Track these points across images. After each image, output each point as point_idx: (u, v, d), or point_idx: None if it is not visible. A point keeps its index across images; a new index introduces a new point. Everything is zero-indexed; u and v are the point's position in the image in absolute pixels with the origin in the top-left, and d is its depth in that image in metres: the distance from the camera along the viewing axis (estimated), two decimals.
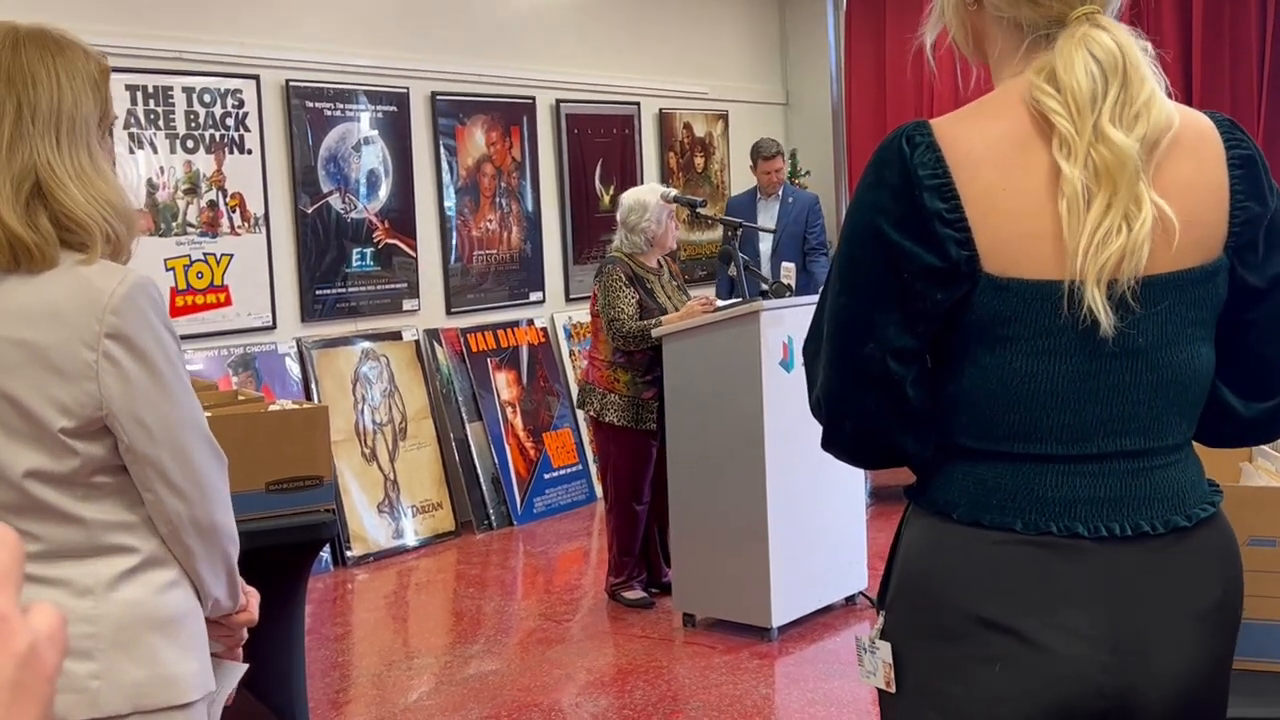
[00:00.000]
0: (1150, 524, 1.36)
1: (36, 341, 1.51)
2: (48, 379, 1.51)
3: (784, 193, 6.92)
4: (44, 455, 1.52)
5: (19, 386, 1.51)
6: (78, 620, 1.52)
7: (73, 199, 1.54)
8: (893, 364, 1.36)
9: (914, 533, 1.44)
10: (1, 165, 1.53)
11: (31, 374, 1.51)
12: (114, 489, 1.57)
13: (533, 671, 4.34)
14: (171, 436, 1.57)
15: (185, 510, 1.59)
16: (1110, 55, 1.33)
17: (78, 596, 1.53)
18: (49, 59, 1.58)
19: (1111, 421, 1.36)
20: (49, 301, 1.52)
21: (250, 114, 5.73)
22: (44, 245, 1.52)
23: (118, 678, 1.53)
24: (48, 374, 1.51)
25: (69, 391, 1.51)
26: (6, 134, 1.54)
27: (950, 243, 1.32)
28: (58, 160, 1.55)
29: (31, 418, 1.51)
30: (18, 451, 1.52)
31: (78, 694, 1.51)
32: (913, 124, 1.37)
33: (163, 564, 1.60)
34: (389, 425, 6.17)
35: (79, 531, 1.54)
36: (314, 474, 3.07)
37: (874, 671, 1.46)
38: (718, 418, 4.49)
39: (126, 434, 1.54)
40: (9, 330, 1.51)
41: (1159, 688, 1.35)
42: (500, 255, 6.94)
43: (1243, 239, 1.38)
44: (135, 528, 1.58)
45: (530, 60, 7.07)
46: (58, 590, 1.52)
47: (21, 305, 1.52)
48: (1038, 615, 1.34)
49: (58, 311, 1.52)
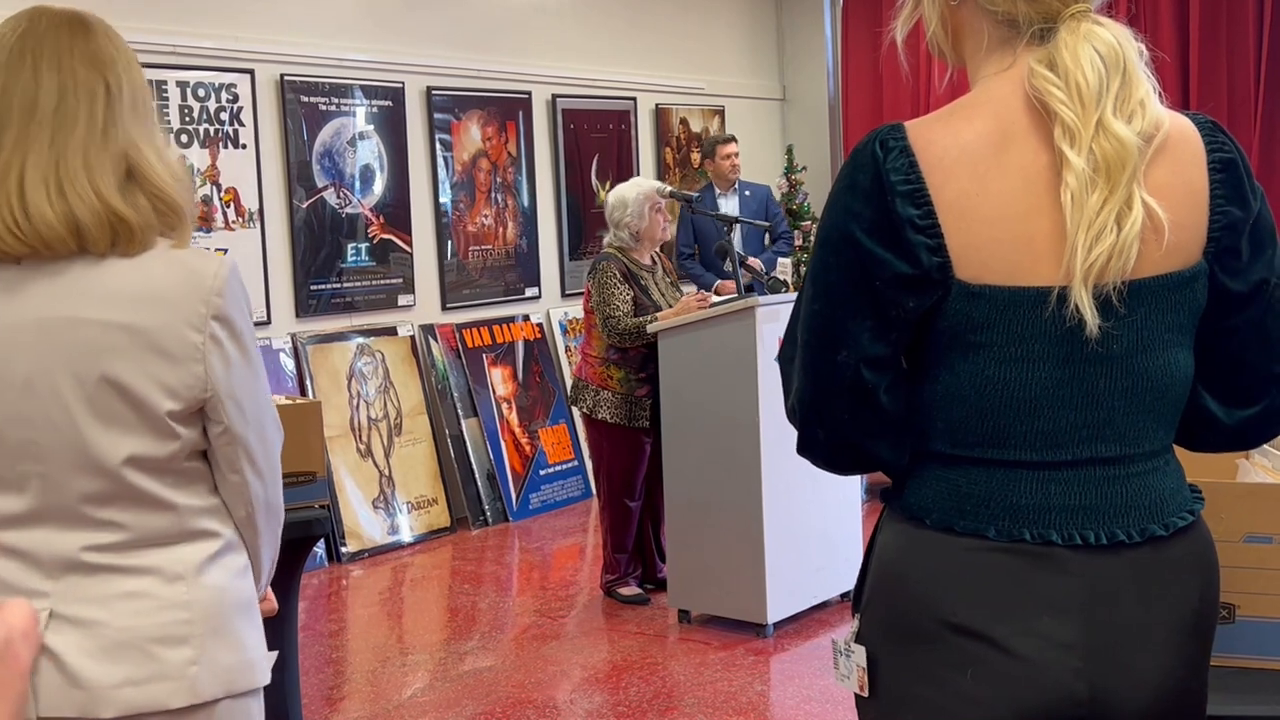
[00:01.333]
0: (1126, 533, 1.34)
1: (141, 324, 1.49)
2: (154, 362, 1.50)
3: (740, 186, 6.91)
4: (147, 440, 1.51)
5: (124, 370, 1.49)
6: (172, 607, 1.51)
7: (163, 179, 1.54)
8: (865, 372, 1.35)
9: (888, 537, 1.43)
10: (99, 147, 1.51)
11: (138, 357, 1.49)
12: (199, 474, 1.57)
13: (528, 668, 4.33)
14: (259, 417, 1.59)
15: (262, 492, 1.61)
16: (1112, 50, 1.32)
17: (169, 583, 1.52)
18: (115, 39, 1.58)
19: (1086, 428, 1.34)
20: (151, 284, 1.51)
21: (245, 108, 5.72)
22: (145, 227, 1.52)
23: (212, 663, 1.52)
24: (154, 357, 1.50)
25: (176, 374, 1.51)
26: (101, 115, 1.52)
27: (922, 249, 1.30)
28: (144, 141, 1.55)
29: (137, 402, 1.50)
30: (118, 438, 1.50)
31: (177, 681, 1.50)
32: (887, 127, 1.36)
33: (237, 548, 1.61)
34: (384, 421, 6.16)
35: (168, 517, 1.53)
36: (308, 470, 3.06)
37: (849, 675, 1.46)
38: (713, 414, 4.48)
39: (226, 415, 1.55)
40: (112, 314, 1.49)
41: (1133, 696, 1.33)
42: (496, 251, 6.93)
43: (1222, 244, 1.36)
44: (216, 512, 1.59)
45: (526, 55, 7.06)
46: (147, 578, 1.51)
47: (122, 288, 1.50)
48: (1010, 622, 1.32)
49: (162, 294, 1.51)
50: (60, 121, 1.50)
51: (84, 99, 1.52)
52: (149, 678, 1.47)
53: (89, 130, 1.51)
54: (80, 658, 1.44)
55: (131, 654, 1.47)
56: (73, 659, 1.44)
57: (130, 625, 1.48)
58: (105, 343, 1.48)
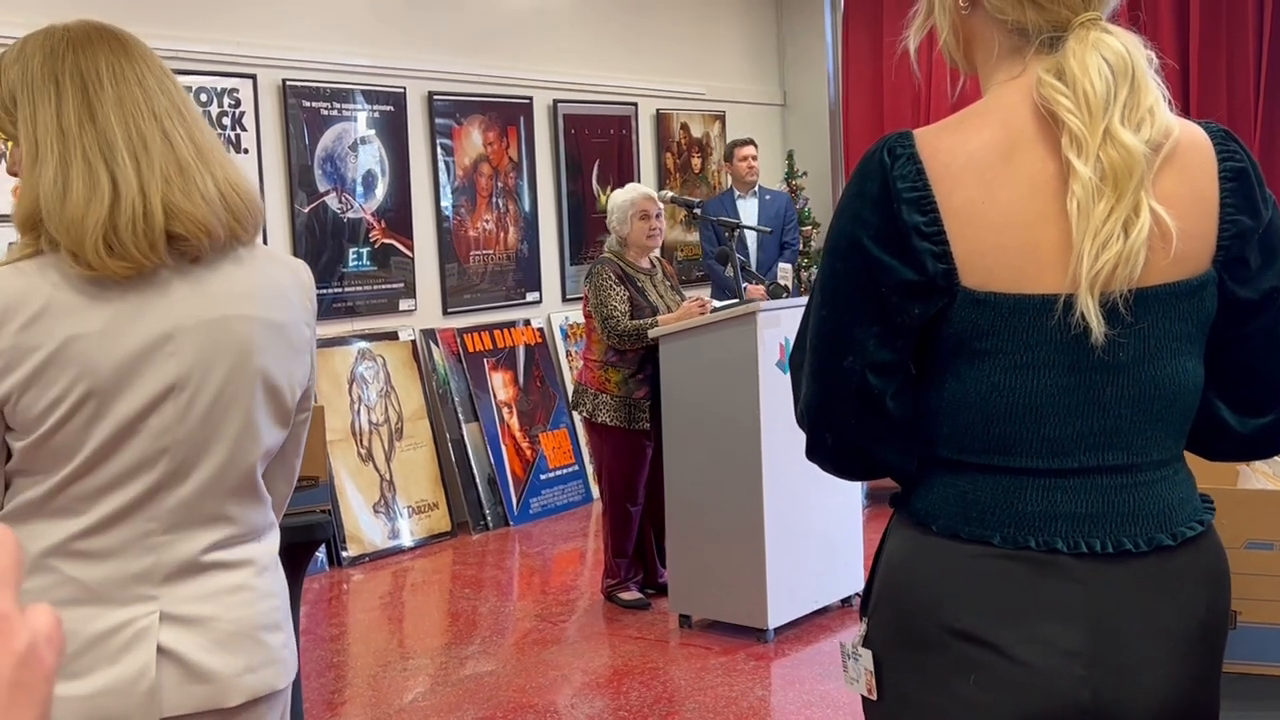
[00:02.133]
0: (1133, 541, 1.34)
1: (279, 320, 1.55)
2: (290, 355, 1.56)
3: (759, 191, 7.01)
4: (279, 430, 1.57)
5: (272, 363, 1.54)
6: (268, 596, 1.57)
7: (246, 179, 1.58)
8: (872, 378, 1.35)
9: (895, 542, 1.44)
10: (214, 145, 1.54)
11: (279, 352, 1.55)
12: (270, 464, 1.62)
13: (528, 672, 4.33)
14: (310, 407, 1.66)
15: (293, 481, 1.69)
16: (1120, 59, 1.32)
17: (260, 574, 1.57)
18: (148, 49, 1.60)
19: (1093, 436, 1.34)
20: (275, 281, 1.56)
21: (247, 113, 5.73)
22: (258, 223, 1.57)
23: (291, 644, 1.61)
24: (289, 352, 1.56)
25: (300, 367, 1.58)
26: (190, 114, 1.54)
27: (927, 256, 1.31)
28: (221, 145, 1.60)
29: (278, 394, 1.55)
30: (263, 432, 1.55)
31: (279, 664, 1.57)
32: (896, 135, 1.36)
33: None
34: (385, 425, 6.16)
35: (262, 510, 1.60)
36: (309, 474, 3.06)
37: (857, 678, 1.46)
38: (714, 419, 4.48)
39: (308, 405, 1.63)
40: (261, 310, 1.53)
41: (1138, 705, 1.33)
42: (497, 255, 6.93)
43: (1231, 253, 1.36)
44: (273, 504, 1.64)
45: (527, 60, 7.07)
46: (245, 571, 1.56)
47: (257, 284, 1.54)
48: (1014, 629, 1.33)
49: (284, 291, 1.56)
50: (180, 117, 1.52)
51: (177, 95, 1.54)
52: (264, 663, 1.55)
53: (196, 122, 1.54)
54: (200, 653, 1.49)
55: (246, 643, 1.53)
56: (194, 655, 1.49)
57: (240, 616, 1.53)
58: (259, 339, 1.52)
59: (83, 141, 1.45)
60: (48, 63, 1.49)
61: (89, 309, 1.43)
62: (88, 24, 1.54)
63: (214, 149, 1.53)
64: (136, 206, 1.43)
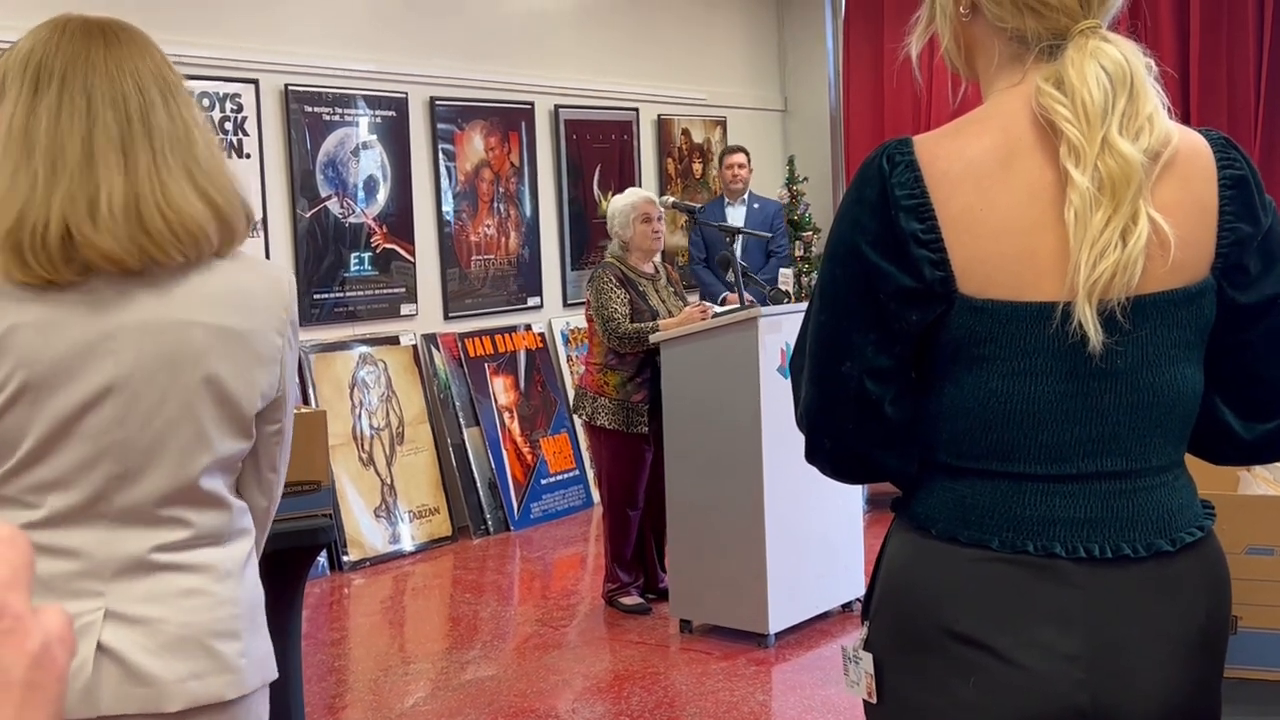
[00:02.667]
0: (1132, 547, 1.34)
1: (238, 327, 1.53)
2: (250, 364, 1.54)
3: (749, 198, 7.08)
4: (234, 440, 1.55)
5: (225, 371, 1.52)
6: (225, 603, 1.54)
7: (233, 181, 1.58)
8: (870, 384, 1.36)
9: (895, 546, 1.45)
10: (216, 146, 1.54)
11: (238, 358, 1.53)
12: (242, 474, 1.62)
13: (529, 677, 4.33)
14: (292, 416, 1.65)
15: (279, 491, 1.67)
16: (1119, 68, 1.32)
17: (220, 580, 1.55)
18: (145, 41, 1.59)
19: (1091, 442, 1.34)
20: (242, 288, 1.54)
21: (249, 118, 5.73)
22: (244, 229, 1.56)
23: (253, 655, 1.57)
24: (251, 360, 1.54)
25: (265, 376, 1.55)
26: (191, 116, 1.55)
27: (925, 263, 1.31)
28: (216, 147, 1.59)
29: (232, 402, 1.53)
30: (211, 439, 1.52)
31: (231, 674, 1.53)
32: (895, 141, 1.37)
33: (256, 544, 1.65)
34: (386, 430, 6.16)
35: (224, 516, 1.57)
36: (311, 479, 3.06)
37: (858, 681, 1.47)
38: (715, 423, 4.49)
39: (285, 415, 1.61)
40: (215, 317, 1.51)
41: (1136, 709, 1.33)
42: (498, 260, 6.94)
43: (1230, 260, 1.36)
44: (248, 511, 1.63)
45: (529, 66, 7.08)
46: (201, 575, 1.53)
47: (221, 292, 1.52)
48: (1013, 632, 1.33)
49: (251, 298, 1.54)
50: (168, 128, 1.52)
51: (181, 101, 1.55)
52: (209, 671, 1.51)
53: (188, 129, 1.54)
54: (142, 655, 1.47)
55: (192, 649, 1.50)
56: (135, 656, 1.47)
57: (189, 621, 1.50)
58: (209, 345, 1.50)
59: (12, 147, 1.45)
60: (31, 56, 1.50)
61: (33, 300, 1.44)
62: (88, 18, 1.54)
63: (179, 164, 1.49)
64: (38, 228, 1.42)
